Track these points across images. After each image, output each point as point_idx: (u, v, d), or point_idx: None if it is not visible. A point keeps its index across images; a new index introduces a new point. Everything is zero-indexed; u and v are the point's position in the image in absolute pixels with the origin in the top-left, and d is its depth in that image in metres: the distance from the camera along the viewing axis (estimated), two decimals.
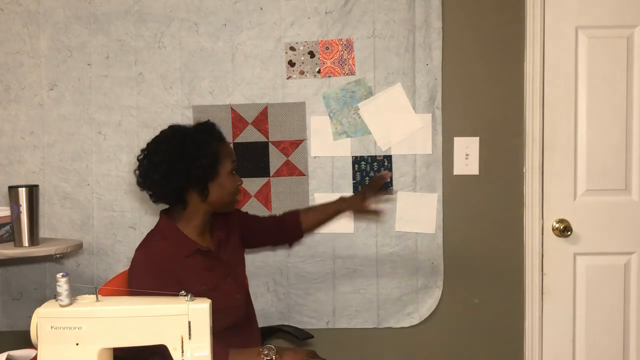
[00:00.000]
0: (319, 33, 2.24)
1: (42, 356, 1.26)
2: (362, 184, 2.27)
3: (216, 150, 1.67)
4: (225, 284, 1.73)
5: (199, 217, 1.71)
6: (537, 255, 2.30)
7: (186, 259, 1.66)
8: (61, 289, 1.25)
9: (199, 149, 1.64)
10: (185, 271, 1.65)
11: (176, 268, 1.64)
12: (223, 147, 1.71)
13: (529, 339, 2.32)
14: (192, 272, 1.66)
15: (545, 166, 2.28)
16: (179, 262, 1.65)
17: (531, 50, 2.25)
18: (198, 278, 1.66)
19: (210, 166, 1.65)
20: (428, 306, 2.31)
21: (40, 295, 2.27)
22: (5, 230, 2.10)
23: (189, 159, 1.63)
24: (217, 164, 1.67)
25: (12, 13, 2.24)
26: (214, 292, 1.65)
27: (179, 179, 1.63)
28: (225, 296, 1.69)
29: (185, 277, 1.64)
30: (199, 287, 1.61)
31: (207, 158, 1.65)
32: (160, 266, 1.62)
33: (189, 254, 1.67)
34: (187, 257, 1.67)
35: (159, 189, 1.67)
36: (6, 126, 2.26)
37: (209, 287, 1.66)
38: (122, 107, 2.26)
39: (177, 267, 1.64)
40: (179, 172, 1.63)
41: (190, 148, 1.64)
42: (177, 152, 1.63)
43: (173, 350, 1.28)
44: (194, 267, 1.67)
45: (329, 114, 2.26)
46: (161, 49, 2.25)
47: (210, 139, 1.68)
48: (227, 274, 1.75)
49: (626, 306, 2.31)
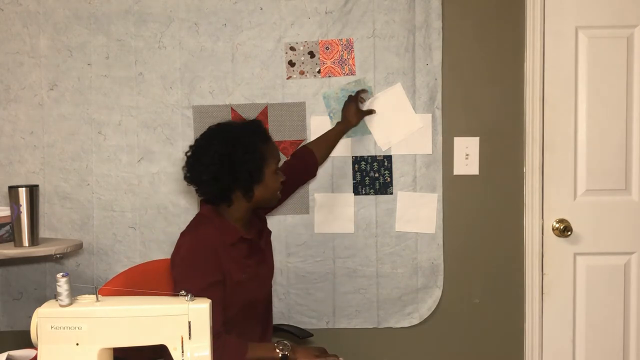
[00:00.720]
0: (319, 33, 2.24)
1: (42, 356, 1.26)
2: (362, 184, 2.27)
3: (263, 153, 1.71)
4: (261, 271, 1.81)
5: (242, 211, 1.76)
6: (537, 255, 2.29)
7: (231, 247, 1.71)
8: (61, 289, 1.25)
9: (246, 153, 1.67)
10: (229, 258, 1.69)
11: (222, 254, 1.68)
12: (269, 148, 1.75)
13: (529, 339, 2.32)
14: (235, 260, 1.70)
15: (545, 166, 2.28)
16: (224, 249, 1.69)
17: (531, 50, 2.25)
18: (240, 266, 1.71)
19: (257, 170, 1.69)
20: (428, 306, 2.31)
21: (40, 295, 2.27)
22: (5, 230, 2.10)
23: (238, 163, 1.67)
24: (262, 166, 1.71)
25: (12, 13, 2.24)
26: (253, 281, 1.74)
27: (227, 180, 1.68)
28: (260, 285, 1.79)
29: (228, 264, 1.68)
30: (240, 276, 1.70)
31: (255, 162, 1.69)
32: (206, 251, 1.66)
33: (234, 242, 1.71)
34: (232, 245, 1.71)
35: (207, 189, 1.72)
36: (6, 126, 2.26)
37: (249, 276, 1.72)
38: (122, 107, 2.26)
39: (222, 253, 1.68)
40: (227, 174, 1.67)
41: (239, 152, 1.67)
42: (226, 154, 1.67)
43: (173, 350, 1.29)
44: (237, 255, 1.72)
45: (329, 114, 2.26)
46: (161, 49, 2.25)
47: (258, 141, 1.71)
48: (262, 261, 1.82)
49: (626, 306, 2.31)
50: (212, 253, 1.66)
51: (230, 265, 1.68)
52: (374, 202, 2.28)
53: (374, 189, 2.28)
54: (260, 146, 1.71)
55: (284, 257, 2.29)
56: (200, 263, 1.65)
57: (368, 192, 2.28)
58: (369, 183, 2.28)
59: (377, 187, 2.28)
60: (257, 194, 1.73)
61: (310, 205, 2.29)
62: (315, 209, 2.28)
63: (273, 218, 2.25)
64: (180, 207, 2.26)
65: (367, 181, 2.28)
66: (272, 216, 2.25)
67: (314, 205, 2.28)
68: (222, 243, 1.69)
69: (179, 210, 2.26)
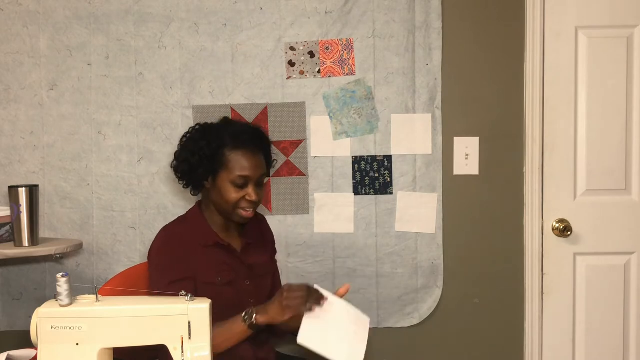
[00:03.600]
0: (319, 33, 2.24)
1: (42, 356, 1.26)
2: (362, 184, 2.27)
3: (226, 158, 1.67)
4: (243, 284, 1.74)
5: (220, 217, 1.74)
6: (537, 255, 2.30)
7: (204, 248, 1.69)
8: (61, 289, 1.25)
9: (210, 149, 1.67)
10: (200, 259, 1.67)
11: (191, 253, 1.67)
12: (238, 157, 1.67)
13: (529, 339, 2.32)
14: (208, 262, 1.68)
15: (545, 166, 2.28)
16: (195, 249, 1.68)
17: (531, 50, 2.25)
18: (214, 269, 1.68)
19: (208, 158, 1.67)
20: (428, 306, 2.31)
21: (40, 295, 2.27)
22: (5, 230, 2.10)
23: (196, 146, 1.68)
24: (218, 169, 1.67)
25: (12, 13, 2.24)
26: (228, 287, 1.69)
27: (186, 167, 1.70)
28: (239, 294, 1.71)
29: (200, 264, 1.67)
30: (213, 278, 1.67)
31: (211, 161, 1.67)
32: (174, 247, 1.67)
33: (207, 244, 1.70)
34: (206, 246, 1.70)
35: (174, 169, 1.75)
36: (6, 126, 2.26)
37: (224, 281, 1.69)
38: (122, 107, 2.26)
39: (192, 252, 1.67)
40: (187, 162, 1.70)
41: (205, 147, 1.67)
42: (193, 137, 1.72)
43: (173, 350, 1.28)
44: (212, 258, 1.69)
45: (329, 114, 2.27)
46: (161, 49, 2.25)
47: (229, 144, 1.68)
48: (248, 277, 1.76)
49: (626, 306, 2.31)
50: (182, 250, 1.66)
51: (202, 266, 1.67)
52: (374, 202, 2.28)
53: (374, 189, 2.28)
54: (227, 150, 1.67)
55: (284, 257, 2.28)
56: (167, 259, 1.65)
57: (368, 192, 2.28)
58: (369, 183, 2.28)
59: (377, 187, 2.28)
60: (213, 198, 1.71)
61: (310, 205, 2.29)
62: (315, 209, 2.28)
63: (273, 218, 2.25)
64: (180, 207, 2.26)
65: (367, 181, 2.28)
66: (272, 216, 2.26)
67: (314, 205, 2.28)
68: (195, 243, 1.69)
69: (179, 210, 2.26)
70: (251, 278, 1.76)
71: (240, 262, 1.75)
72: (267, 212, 2.26)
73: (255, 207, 1.73)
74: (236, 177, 1.66)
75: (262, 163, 1.72)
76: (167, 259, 1.66)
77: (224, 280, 1.69)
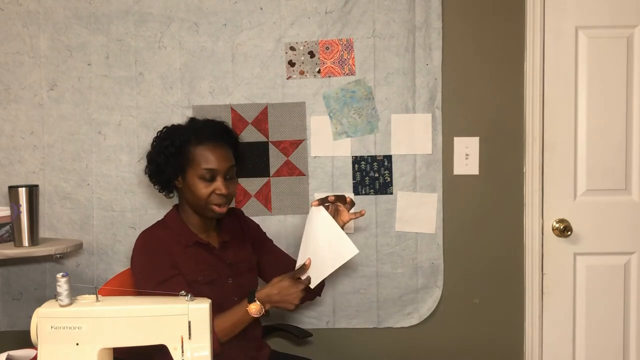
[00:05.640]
0: (319, 33, 2.24)
1: (42, 356, 1.26)
2: (362, 184, 2.27)
3: (192, 154, 1.69)
4: (225, 283, 1.75)
5: (196, 217, 1.76)
6: (537, 255, 2.29)
7: (185, 248, 1.71)
8: (61, 289, 1.25)
9: (173, 148, 1.70)
10: (183, 258, 1.69)
11: (174, 253, 1.69)
12: (202, 151, 1.69)
13: (529, 339, 2.32)
14: (190, 261, 1.70)
15: (545, 166, 2.28)
16: (175, 249, 1.70)
17: (531, 50, 2.25)
18: (196, 268, 1.70)
19: (174, 156, 1.70)
20: (428, 306, 2.31)
21: (40, 295, 2.27)
22: (5, 230, 2.10)
23: (161, 146, 1.73)
24: (185, 165, 1.70)
25: (12, 13, 2.24)
26: (210, 285, 1.70)
27: (155, 169, 1.75)
28: (222, 293, 1.70)
29: (183, 263, 1.68)
30: (195, 277, 1.68)
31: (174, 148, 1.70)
32: (157, 248, 1.68)
33: (188, 245, 1.72)
34: (186, 247, 1.72)
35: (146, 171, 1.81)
36: (6, 126, 2.26)
37: (205, 280, 1.70)
38: (122, 107, 2.26)
39: (175, 252, 1.69)
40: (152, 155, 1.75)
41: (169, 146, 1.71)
42: (159, 138, 1.76)
43: (173, 350, 1.29)
44: (193, 257, 1.71)
45: (329, 114, 2.26)
46: (161, 49, 2.25)
47: (192, 140, 1.71)
48: (230, 275, 1.77)
49: (626, 306, 2.31)
50: (163, 251, 1.68)
51: (183, 266, 1.68)
52: (374, 202, 2.28)
53: (374, 189, 2.28)
54: (191, 146, 1.70)
55: None
56: (149, 258, 1.67)
57: (368, 192, 2.28)
58: (369, 183, 2.28)
59: (377, 187, 2.28)
60: (187, 197, 1.74)
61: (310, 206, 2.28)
62: None
63: (273, 218, 2.25)
64: None
65: (367, 181, 2.28)
66: (272, 216, 2.26)
67: None
68: (175, 243, 1.71)
69: None
70: (233, 276, 1.77)
71: (221, 261, 1.76)
72: (267, 212, 2.26)
73: (227, 202, 1.74)
74: (203, 170, 1.68)
75: (228, 155, 1.73)
76: (150, 261, 1.67)
77: (205, 279, 1.70)
